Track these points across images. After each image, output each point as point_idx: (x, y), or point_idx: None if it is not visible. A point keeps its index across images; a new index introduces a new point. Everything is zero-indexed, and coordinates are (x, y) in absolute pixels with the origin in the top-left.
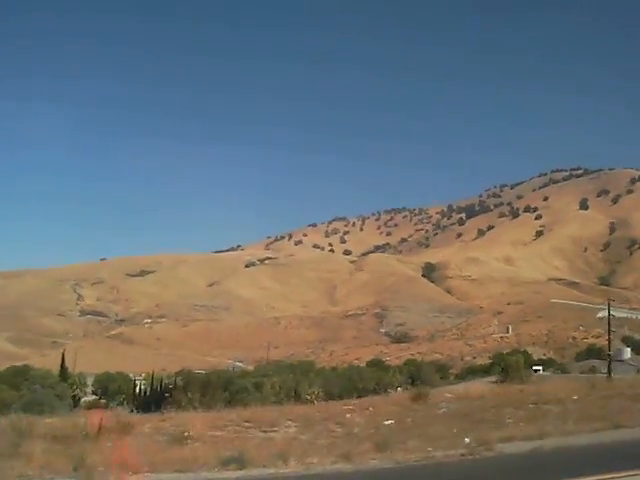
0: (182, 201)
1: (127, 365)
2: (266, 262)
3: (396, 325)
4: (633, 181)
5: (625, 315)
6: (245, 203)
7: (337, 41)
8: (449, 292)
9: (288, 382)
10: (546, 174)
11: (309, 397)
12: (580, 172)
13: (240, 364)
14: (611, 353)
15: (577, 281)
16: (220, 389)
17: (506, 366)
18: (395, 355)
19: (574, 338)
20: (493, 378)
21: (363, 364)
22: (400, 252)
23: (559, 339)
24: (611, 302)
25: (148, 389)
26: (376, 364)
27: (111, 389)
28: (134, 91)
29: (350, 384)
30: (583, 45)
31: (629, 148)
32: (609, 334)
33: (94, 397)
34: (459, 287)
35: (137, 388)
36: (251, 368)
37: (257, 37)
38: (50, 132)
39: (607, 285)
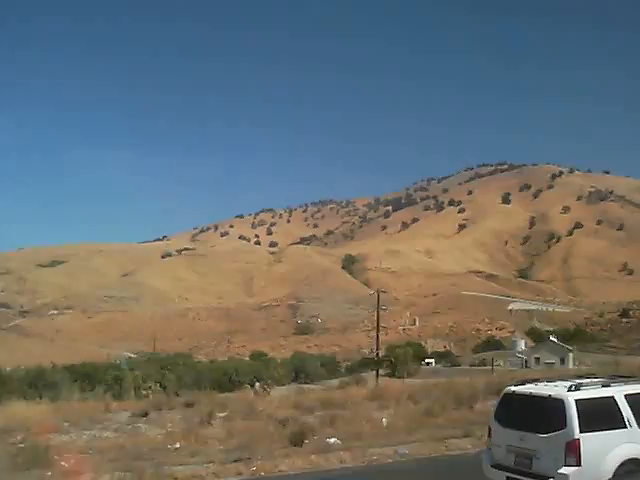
0: (108, 191)
1: (15, 358)
2: (183, 253)
3: (310, 317)
4: (554, 177)
5: (536, 307)
6: (173, 194)
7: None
8: (367, 284)
9: (153, 376)
10: (472, 168)
11: (145, 392)
12: (505, 167)
13: (135, 356)
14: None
15: (495, 274)
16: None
17: (394, 359)
18: (292, 347)
19: (478, 330)
20: (382, 371)
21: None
22: (326, 244)
23: (462, 331)
24: (525, 295)
25: None
26: (259, 357)
27: None
28: (51, 86)
29: (225, 378)
30: (513, 43)
31: (553, 144)
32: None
33: None
34: (378, 279)
35: None
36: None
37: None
38: None
39: (525, 278)
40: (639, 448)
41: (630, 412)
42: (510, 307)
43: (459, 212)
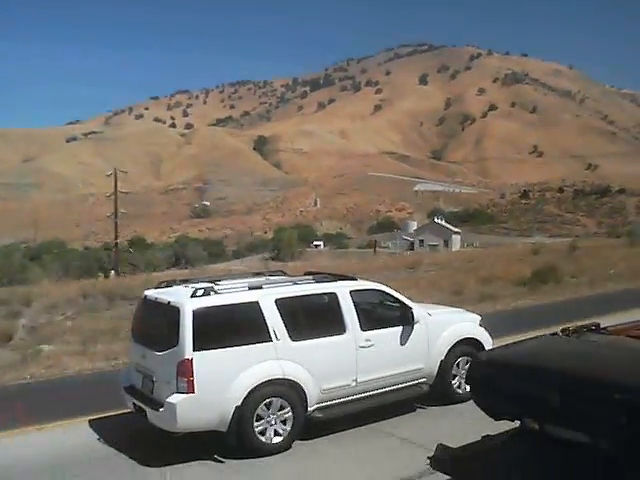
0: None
1: None
2: (90, 137)
3: (216, 199)
4: (472, 58)
5: (442, 188)
6: (85, 76)
7: None
8: (278, 166)
9: (13, 265)
10: (392, 49)
11: None
12: (425, 48)
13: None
14: None
15: (408, 155)
16: None
17: (279, 242)
18: (184, 231)
19: (377, 211)
20: (267, 255)
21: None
22: (242, 125)
23: (360, 212)
24: (437, 176)
25: None
26: (137, 242)
27: None
28: None
29: (97, 265)
30: None
31: (474, 25)
32: None
33: None
34: (289, 160)
35: None
36: None
37: None
38: None
39: (438, 159)
40: (285, 366)
41: (280, 321)
42: (416, 188)
43: (376, 93)
